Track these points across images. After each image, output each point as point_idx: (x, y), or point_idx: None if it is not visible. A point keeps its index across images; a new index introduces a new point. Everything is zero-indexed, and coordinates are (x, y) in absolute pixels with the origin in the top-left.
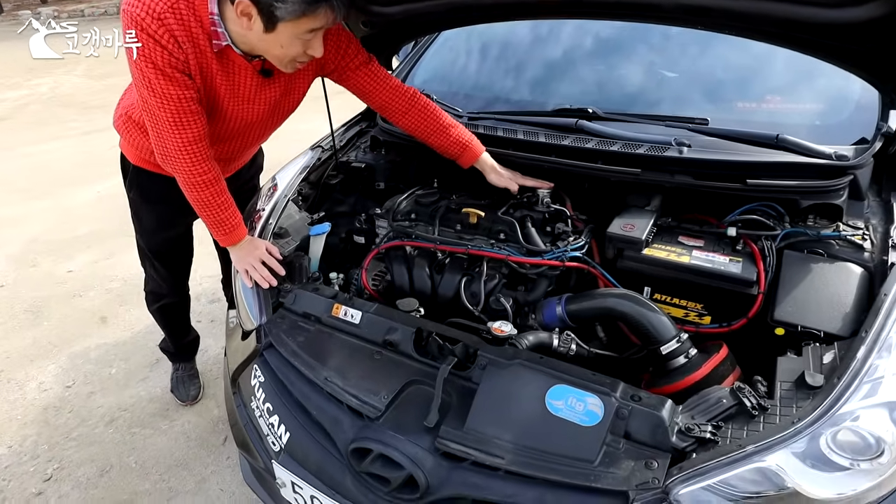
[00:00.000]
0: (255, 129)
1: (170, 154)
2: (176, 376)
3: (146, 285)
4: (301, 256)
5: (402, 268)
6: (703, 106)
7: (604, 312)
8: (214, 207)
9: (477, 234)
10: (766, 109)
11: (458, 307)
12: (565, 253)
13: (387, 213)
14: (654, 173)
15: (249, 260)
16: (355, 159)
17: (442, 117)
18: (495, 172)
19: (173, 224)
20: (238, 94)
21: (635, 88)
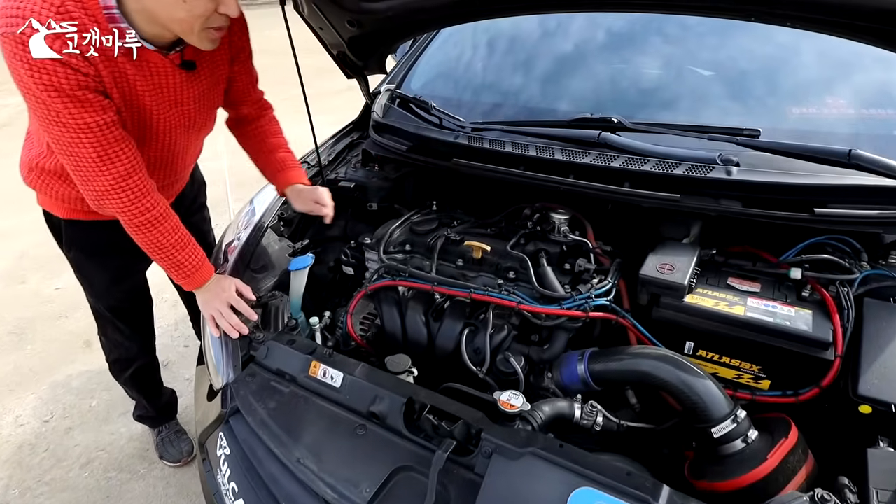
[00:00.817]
0: (190, 137)
1: (103, 195)
2: (160, 438)
3: (109, 354)
4: (278, 298)
5: (393, 312)
6: (749, 112)
7: (637, 378)
8: (169, 248)
9: (482, 270)
10: (830, 117)
11: (460, 364)
12: (589, 301)
13: (377, 243)
14: (695, 198)
15: (216, 304)
16: (344, 177)
17: (277, 138)
18: (300, 199)
19: (129, 273)
20: (164, 97)
21: (666, 92)
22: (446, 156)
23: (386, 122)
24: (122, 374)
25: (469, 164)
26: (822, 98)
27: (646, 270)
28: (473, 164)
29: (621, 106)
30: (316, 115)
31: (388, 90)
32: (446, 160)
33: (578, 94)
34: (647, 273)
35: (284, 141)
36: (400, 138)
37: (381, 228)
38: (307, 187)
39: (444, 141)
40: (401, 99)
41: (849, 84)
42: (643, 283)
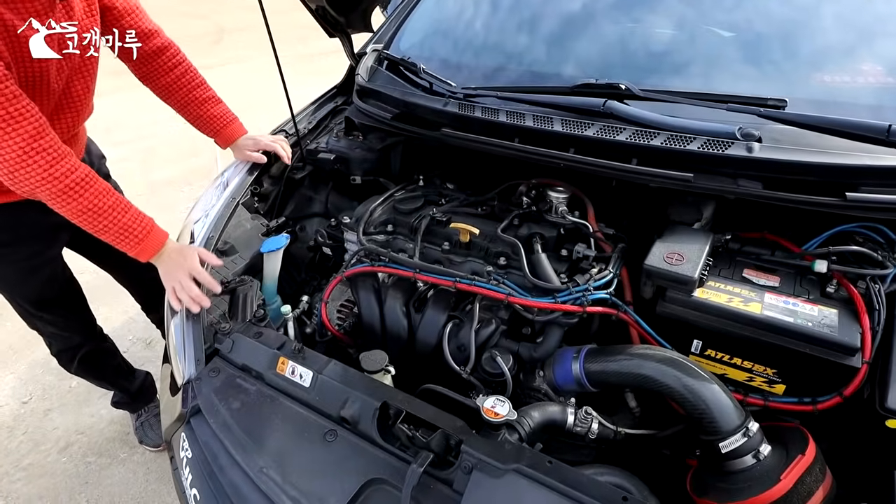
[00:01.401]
0: (79, 81)
1: (17, 163)
2: (140, 423)
3: (51, 347)
4: (247, 284)
5: (371, 301)
6: (773, 80)
7: (638, 382)
8: (108, 212)
9: (470, 255)
10: (866, 86)
11: (442, 361)
12: (587, 293)
13: (356, 223)
14: (710, 178)
15: (178, 275)
16: (325, 147)
17: (203, 90)
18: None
19: (44, 261)
20: (47, 37)
21: (680, 55)
22: (435, 125)
23: (371, 87)
24: (70, 364)
25: (459, 135)
26: (858, 64)
27: (651, 260)
28: (463, 135)
29: (630, 71)
30: (309, 76)
31: (375, 51)
32: (434, 130)
33: (582, 57)
34: (653, 264)
35: (213, 92)
36: (385, 105)
37: (361, 206)
38: (250, 137)
39: (433, 108)
40: (388, 61)
41: (889, 48)
42: (648, 274)
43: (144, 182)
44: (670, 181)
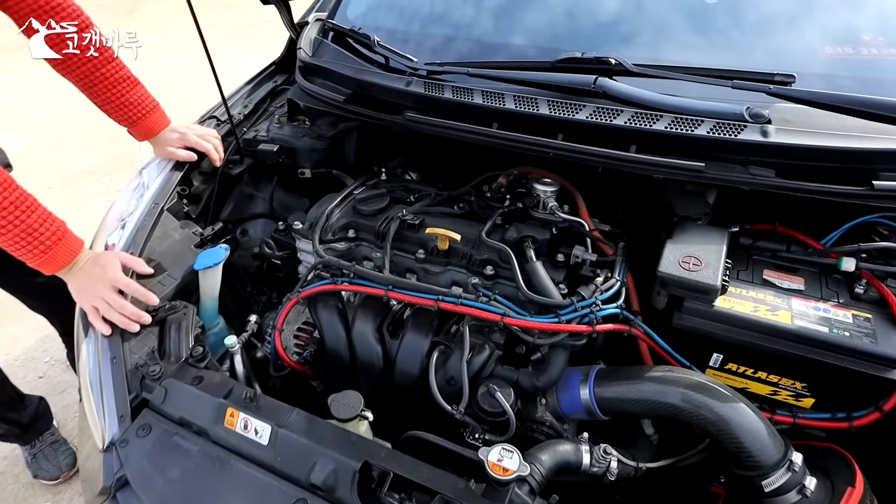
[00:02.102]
0: None
1: None
2: (33, 454)
3: None
4: (180, 311)
5: (336, 325)
6: (778, 52)
7: (662, 412)
8: (10, 210)
9: (451, 263)
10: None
11: (428, 396)
12: (595, 309)
13: (311, 229)
14: (723, 167)
15: (98, 290)
16: (266, 136)
17: (116, 68)
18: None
19: None
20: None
21: (671, 23)
22: (396, 108)
23: (316, 64)
24: None
25: (426, 120)
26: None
27: (666, 267)
28: (432, 120)
29: (618, 42)
30: (246, 50)
31: (319, 20)
32: (396, 114)
33: (565, 25)
34: (668, 271)
35: (128, 71)
36: (336, 84)
37: (314, 208)
38: (175, 129)
39: (394, 89)
40: (335, 32)
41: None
42: (663, 283)
43: (54, 173)
44: (678, 171)
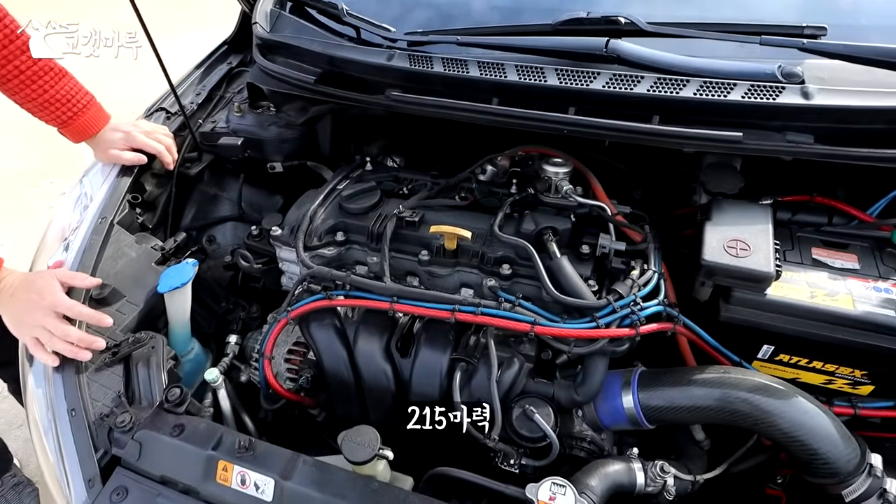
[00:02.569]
0: None
1: None
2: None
3: None
4: (146, 345)
5: (336, 347)
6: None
7: (722, 420)
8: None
9: (460, 263)
10: None
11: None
12: (635, 308)
13: (293, 235)
14: (762, 136)
15: (37, 318)
16: (225, 127)
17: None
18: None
19: None
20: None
21: None
22: (377, 87)
23: (276, 40)
24: None
25: (414, 98)
26: None
27: (711, 254)
28: (420, 98)
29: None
30: (194, 26)
31: None
32: (378, 94)
33: None
34: (715, 259)
35: (51, 62)
36: (302, 63)
37: (294, 209)
38: (117, 128)
39: (373, 65)
40: (294, 1)
41: None
42: (709, 272)
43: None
44: (713, 144)
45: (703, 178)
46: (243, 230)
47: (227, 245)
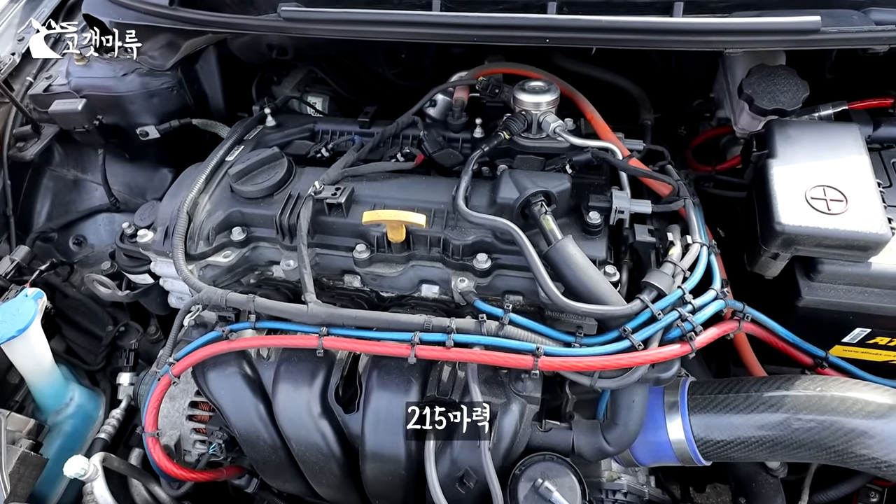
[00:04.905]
0: None
1: None
2: None
3: None
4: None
5: (247, 405)
6: None
7: (815, 460)
8: None
9: (415, 255)
10: None
11: None
12: (687, 312)
13: (168, 241)
14: (839, 18)
15: None
16: (66, 83)
17: None
18: None
19: None
20: None
21: None
22: (262, 2)
23: None
24: None
25: (318, 14)
26: None
27: (791, 213)
28: (327, 13)
29: None
30: None
31: None
32: (265, 11)
33: None
34: (799, 221)
35: None
36: None
37: (167, 199)
38: None
39: None
40: None
41: None
42: (790, 240)
43: None
44: (778, 38)
45: (750, 91)
46: (123, 223)
47: (104, 246)
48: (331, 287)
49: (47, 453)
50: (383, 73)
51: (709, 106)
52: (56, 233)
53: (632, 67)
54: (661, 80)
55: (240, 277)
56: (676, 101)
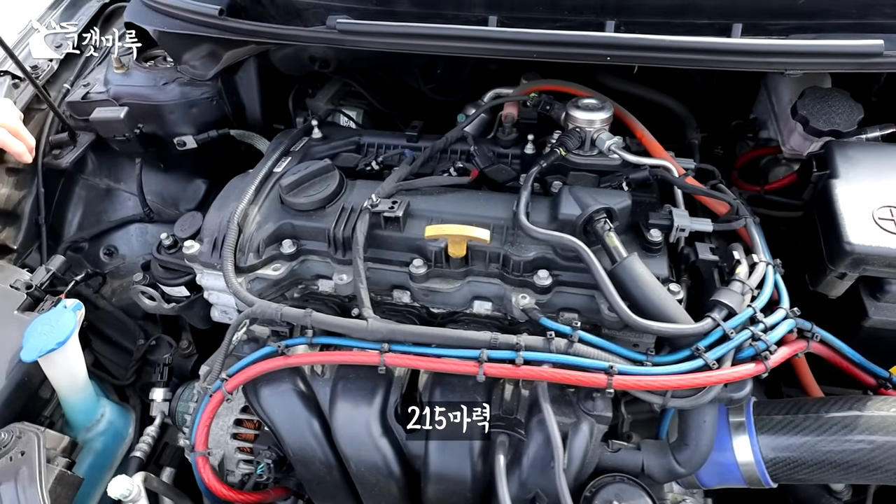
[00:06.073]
0: None
1: None
2: None
3: None
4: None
5: (303, 424)
6: None
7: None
8: None
9: (472, 271)
10: None
11: None
12: (759, 330)
13: (216, 253)
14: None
15: None
16: (105, 91)
17: None
18: None
19: None
20: None
21: None
22: (313, 14)
23: None
24: None
25: (371, 26)
26: None
27: (859, 233)
28: (379, 25)
29: None
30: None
31: None
32: (315, 23)
33: None
34: (868, 241)
35: None
36: None
37: (213, 210)
38: None
39: None
40: None
41: None
42: (859, 260)
43: None
44: (844, 60)
45: (805, 112)
46: (156, 234)
47: (135, 257)
48: (379, 303)
49: (78, 472)
50: (419, 87)
51: (751, 126)
52: (87, 242)
53: (672, 87)
54: (700, 100)
55: (284, 292)
56: (715, 121)
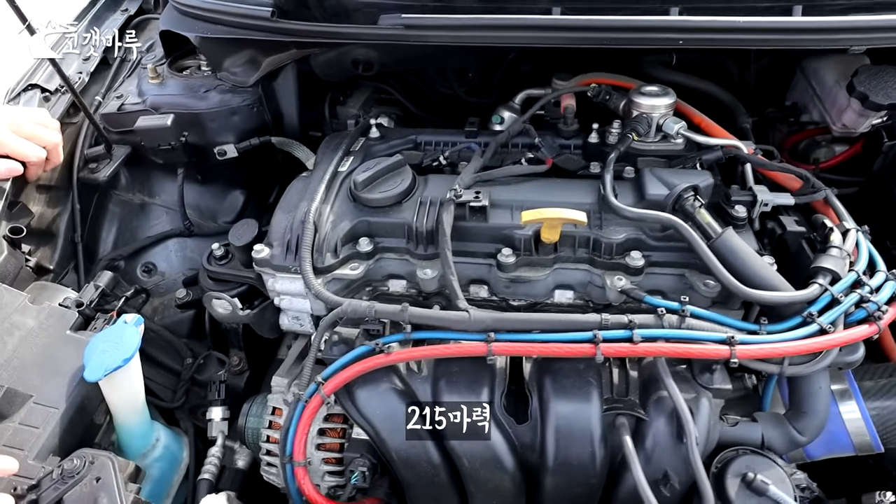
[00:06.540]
0: None
1: None
2: None
3: None
4: (86, 476)
5: (402, 427)
6: None
7: None
8: None
9: (560, 258)
10: None
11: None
12: (866, 292)
13: (289, 255)
14: None
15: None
16: (141, 101)
17: None
18: None
19: None
20: None
21: None
22: (364, 13)
23: None
24: None
25: (437, 21)
26: None
27: None
28: (444, 19)
29: None
30: None
31: None
32: (367, 22)
33: None
34: None
35: None
36: None
37: (280, 213)
38: None
39: None
40: None
41: None
42: None
43: None
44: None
45: (863, 88)
46: (196, 249)
47: (175, 273)
48: None
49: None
50: (453, 90)
51: (791, 111)
52: (123, 260)
53: (710, 77)
54: (736, 90)
55: (353, 295)
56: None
